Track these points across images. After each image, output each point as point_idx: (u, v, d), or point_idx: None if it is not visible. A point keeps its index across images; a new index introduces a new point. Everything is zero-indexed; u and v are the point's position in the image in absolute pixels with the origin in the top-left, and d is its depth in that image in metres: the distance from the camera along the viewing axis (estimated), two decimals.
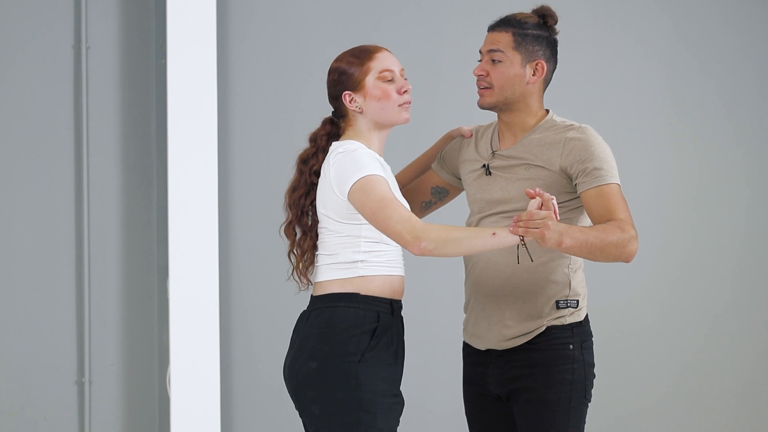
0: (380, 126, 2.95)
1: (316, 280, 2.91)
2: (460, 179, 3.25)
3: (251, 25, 4.87)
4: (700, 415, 5.23)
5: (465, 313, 3.19)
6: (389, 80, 2.93)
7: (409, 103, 2.96)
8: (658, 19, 5.21)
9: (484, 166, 3.12)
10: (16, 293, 4.71)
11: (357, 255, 2.84)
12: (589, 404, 3.08)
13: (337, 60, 2.99)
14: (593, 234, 2.86)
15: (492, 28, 3.11)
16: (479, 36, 3.23)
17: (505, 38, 3.06)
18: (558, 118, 3.11)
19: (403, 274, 2.94)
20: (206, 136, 4.60)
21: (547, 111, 3.14)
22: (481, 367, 3.11)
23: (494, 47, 3.07)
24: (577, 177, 3.00)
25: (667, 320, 5.19)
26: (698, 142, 5.24)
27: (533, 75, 3.07)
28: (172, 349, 4.56)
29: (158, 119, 4.75)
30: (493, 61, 3.06)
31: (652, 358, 5.18)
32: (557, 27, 3.12)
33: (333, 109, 3.00)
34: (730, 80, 5.26)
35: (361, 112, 2.93)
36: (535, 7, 3.12)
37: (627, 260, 2.93)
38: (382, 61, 2.94)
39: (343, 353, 2.80)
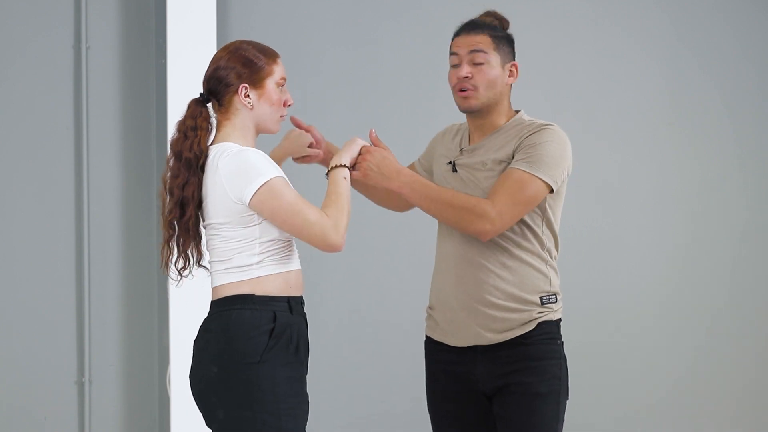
0: (258, 129, 2.88)
1: (213, 285, 2.85)
2: None
3: (251, 25, 4.87)
4: (699, 415, 5.24)
5: (431, 309, 3.16)
6: (281, 89, 2.89)
7: (284, 117, 2.93)
8: (658, 19, 5.21)
9: (450, 162, 3.12)
10: (16, 293, 4.71)
11: (252, 258, 2.78)
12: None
13: (240, 48, 2.86)
14: (437, 190, 2.95)
15: (466, 31, 3.08)
16: None
17: (484, 39, 3.05)
18: (527, 118, 3.10)
19: (299, 268, 2.88)
20: None
21: (517, 111, 3.13)
22: (464, 366, 3.07)
23: (476, 47, 3.04)
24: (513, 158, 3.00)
25: (666, 319, 5.19)
26: (698, 142, 5.24)
27: (509, 76, 3.08)
28: (172, 349, 4.56)
29: (158, 119, 4.75)
30: (475, 63, 3.04)
31: (651, 357, 5.18)
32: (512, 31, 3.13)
33: (207, 92, 2.87)
34: (730, 80, 5.26)
35: (251, 109, 2.85)
36: (482, 12, 3.12)
37: (477, 235, 2.94)
38: (282, 68, 2.88)
39: (242, 356, 2.74)
